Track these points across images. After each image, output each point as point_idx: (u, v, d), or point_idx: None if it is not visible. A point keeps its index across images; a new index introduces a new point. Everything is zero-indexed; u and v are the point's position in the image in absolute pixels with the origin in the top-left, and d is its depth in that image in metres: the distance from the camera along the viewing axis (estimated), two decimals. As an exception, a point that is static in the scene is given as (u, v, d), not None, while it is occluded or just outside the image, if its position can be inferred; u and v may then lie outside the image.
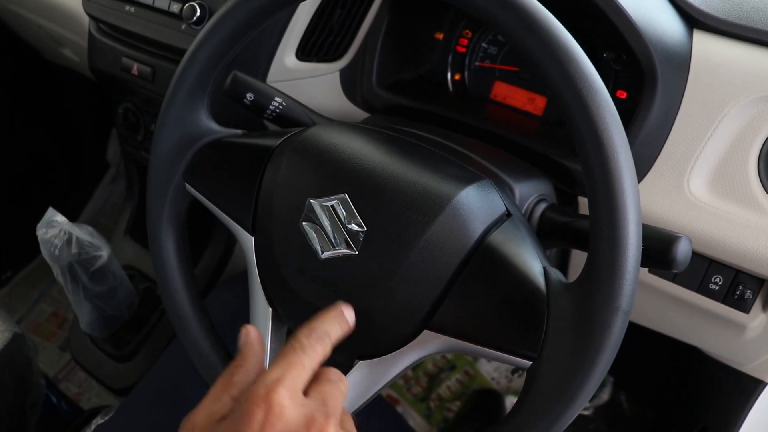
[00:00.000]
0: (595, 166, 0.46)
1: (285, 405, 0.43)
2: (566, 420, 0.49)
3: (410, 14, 0.85)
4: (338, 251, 0.55)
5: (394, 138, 0.63)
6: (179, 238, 0.69)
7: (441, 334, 0.53)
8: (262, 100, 0.72)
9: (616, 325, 0.46)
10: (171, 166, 0.66)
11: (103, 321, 1.10)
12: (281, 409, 0.43)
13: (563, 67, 0.47)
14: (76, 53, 1.43)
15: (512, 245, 0.53)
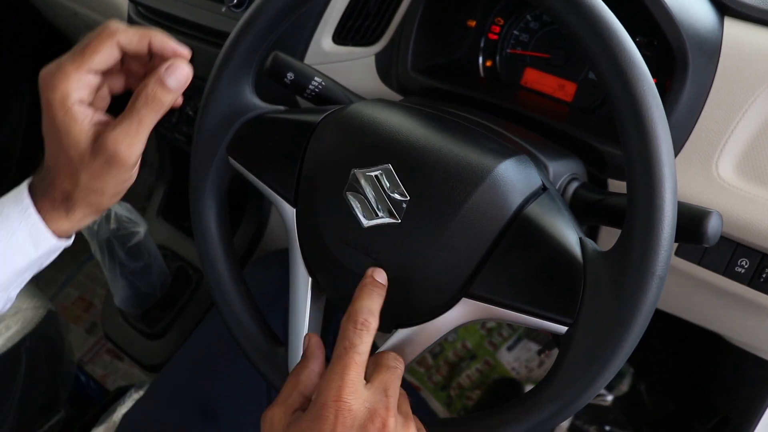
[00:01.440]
0: (633, 137, 0.48)
1: (351, 405, 0.50)
2: (602, 383, 0.50)
3: (444, 1, 0.87)
4: (381, 220, 0.57)
5: (433, 114, 0.65)
6: (220, 210, 0.71)
7: (479, 302, 0.55)
8: (302, 80, 0.75)
9: (651, 290, 0.48)
10: (215, 140, 0.68)
11: (137, 298, 1.13)
12: (349, 410, 0.50)
13: (605, 42, 0.49)
14: (111, 39, 1.46)
15: (549, 217, 0.55)
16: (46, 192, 0.60)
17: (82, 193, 0.59)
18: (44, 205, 0.60)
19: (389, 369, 0.55)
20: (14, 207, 0.59)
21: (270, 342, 0.69)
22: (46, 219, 0.60)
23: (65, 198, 0.60)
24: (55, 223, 0.61)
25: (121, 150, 0.57)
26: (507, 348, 1.66)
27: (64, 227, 0.61)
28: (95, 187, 0.59)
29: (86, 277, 2.00)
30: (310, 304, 0.65)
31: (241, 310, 0.69)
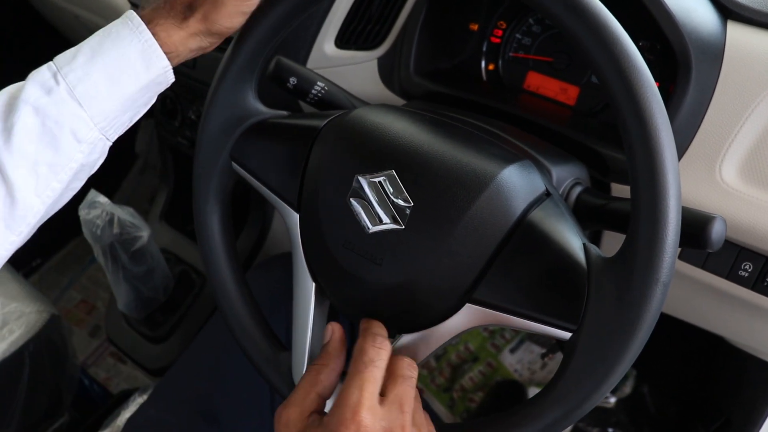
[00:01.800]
0: (637, 143, 0.48)
1: (368, 424, 0.50)
2: (605, 389, 0.50)
3: (446, 5, 0.87)
4: (385, 226, 0.57)
5: (436, 120, 0.65)
6: (224, 215, 0.71)
7: (483, 308, 0.55)
8: (305, 85, 0.75)
9: (656, 297, 0.48)
10: (219, 145, 0.69)
11: (140, 302, 1.13)
12: (366, 428, 0.50)
13: (608, 47, 0.49)
14: (112, 44, 1.46)
15: (552, 222, 0.55)
16: (159, 5, 0.61)
17: (205, 3, 0.60)
18: (158, 14, 0.61)
19: (404, 380, 0.54)
20: (124, 26, 0.59)
21: (274, 347, 0.69)
22: (158, 29, 0.60)
23: (187, 5, 0.61)
24: (167, 33, 0.60)
25: None
26: (510, 350, 1.66)
27: (175, 38, 0.61)
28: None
29: (89, 280, 2.00)
30: (314, 309, 0.65)
31: (245, 315, 0.70)
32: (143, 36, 0.59)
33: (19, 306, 1.12)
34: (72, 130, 0.57)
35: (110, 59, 0.58)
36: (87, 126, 0.58)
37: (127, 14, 0.60)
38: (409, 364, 0.56)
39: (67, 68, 0.57)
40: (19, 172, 0.56)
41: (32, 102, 0.56)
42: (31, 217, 0.58)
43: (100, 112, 0.58)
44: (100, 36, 0.59)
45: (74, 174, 0.60)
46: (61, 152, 0.57)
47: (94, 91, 0.58)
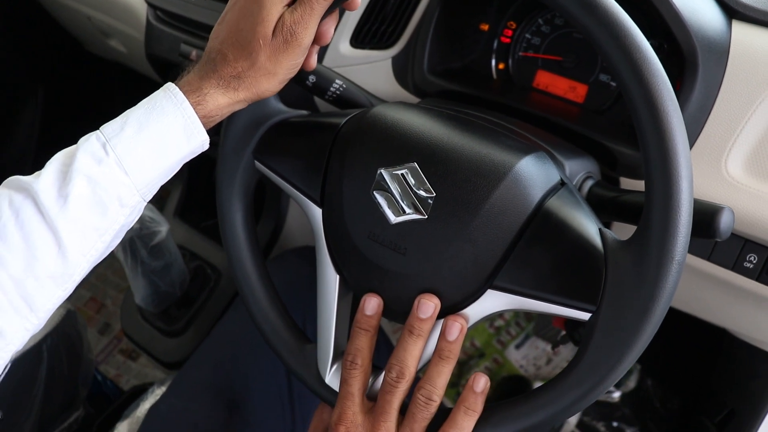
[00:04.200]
0: (649, 130, 0.50)
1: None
2: (625, 366, 0.53)
3: (458, 6, 0.89)
4: (408, 216, 0.60)
5: (453, 115, 0.68)
6: (247, 212, 0.73)
7: (505, 293, 0.58)
8: (324, 83, 0.77)
9: (671, 274, 0.50)
10: (242, 144, 0.71)
11: (157, 296, 1.15)
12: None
13: (620, 41, 0.51)
14: (125, 44, 1.48)
15: (569, 209, 0.57)
16: (207, 74, 0.64)
17: (254, 73, 0.64)
18: (206, 83, 0.64)
19: (384, 392, 0.62)
20: (168, 101, 0.62)
21: (298, 340, 0.71)
22: (206, 97, 0.64)
23: (236, 76, 0.64)
24: (214, 100, 0.64)
25: (299, 30, 0.62)
26: (515, 346, 1.68)
27: (221, 103, 0.64)
28: (270, 68, 0.63)
29: (98, 278, 2.02)
30: (338, 301, 0.67)
31: (270, 308, 0.72)
32: (186, 111, 0.63)
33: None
34: (118, 197, 0.61)
35: (155, 133, 0.62)
36: (131, 193, 0.62)
37: (168, 87, 0.63)
38: (397, 374, 0.60)
39: (116, 140, 0.61)
40: (72, 236, 0.60)
41: (85, 172, 0.60)
42: (77, 275, 0.62)
43: (143, 180, 0.62)
44: (145, 108, 0.63)
45: (116, 234, 0.64)
46: (108, 217, 0.62)
47: (140, 162, 0.62)
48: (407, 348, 0.60)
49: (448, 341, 0.60)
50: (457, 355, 0.61)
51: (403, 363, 0.60)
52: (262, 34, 0.62)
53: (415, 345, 0.60)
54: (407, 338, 0.60)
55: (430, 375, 0.60)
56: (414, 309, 0.60)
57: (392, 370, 0.61)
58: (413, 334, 0.60)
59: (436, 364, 0.60)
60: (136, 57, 1.47)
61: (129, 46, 1.45)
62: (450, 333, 0.60)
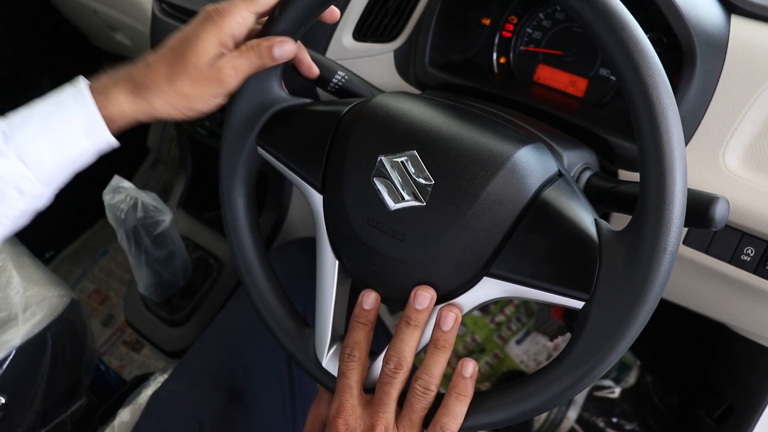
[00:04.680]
0: (644, 120, 0.51)
1: (350, 423, 0.62)
2: (617, 353, 0.53)
3: (460, 0, 0.90)
4: (407, 203, 0.61)
5: (453, 106, 0.68)
6: (249, 197, 0.74)
7: (500, 280, 0.59)
8: (327, 73, 0.78)
9: (663, 264, 0.51)
10: (245, 130, 0.72)
11: (160, 286, 1.17)
12: (347, 427, 0.62)
13: (618, 33, 0.52)
14: (130, 38, 1.49)
15: (565, 200, 0.58)
16: (121, 77, 0.68)
17: (168, 88, 0.67)
18: (116, 87, 0.67)
19: (382, 384, 0.62)
20: (74, 101, 0.65)
21: (297, 323, 0.72)
22: (111, 102, 0.67)
23: (146, 85, 0.67)
24: (118, 105, 0.67)
25: (226, 74, 0.67)
26: (516, 341, 1.69)
27: (125, 110, 0.67)
28: (185, 91, 0.67)
29: (101, 271, 2.04)
30: (336, 286, 0.68)
31: (269, 292, 0.73)
32: (89, 111, 0.65)
33: (41, 290, 1.15)
34: (17, 186, 0.64)
35: (57, 130, 0.65)
36: (31, 183, 0.65)
37: (78, 84, 0.67)
38: (395, 365, 0.61)
39: (18, 132, 0.64)
40: None
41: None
42: None
43: (44, 172, 0.65)
44: (50, 104, 0.66)
45: (17, 219, 0.68)
46: (6, 203, 0.65)
47: (40, 155, 0.64)
48: (404, 339, 0.61)
49: (443, 331, 0.61)
50: (453, 344, 0.61)
51: (401, 354, 0.61)
52: (193, 61, 0.66)
53: (412, 336, 0.61)
54: (404, 329, 0.61)
55: (427, 365, 0.61)
56: (411, 300, 0.61)
57: (390, 361, 0.61)
58: (410, 325, 0.61)
59: (433, 353, 0.61)
60: (140, 50, 1.49)
61: (134, 39, 1.46)
62: (445, 323, 0.61)
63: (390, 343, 0.62)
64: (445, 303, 0.62)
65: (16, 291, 1.15)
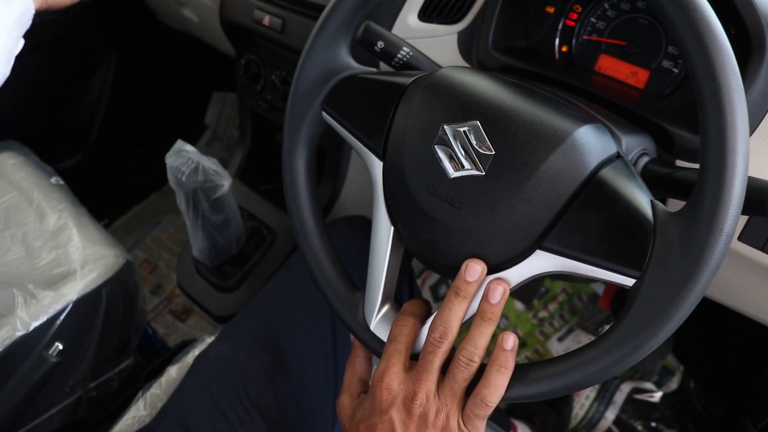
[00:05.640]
0: (709, 102, 0.51)
1: (393, 387, 0.64)
2: (666, 331, 0.53)
3: (527, -15, 0.91)
4: (467, 171, 0.62)
5: (517, 83, 0.69)
6: (310, 160, 0.76)
7: (552, 254, 0.59)
8: (392, 49, 0.79)
9: (718, 245, 0.51)
10: (312, 94, 0.74)
11: (214, 251, 1.20)
12: (390, 391, 0.64)
13: (690, 15, 0.52)
14: (197, 13, 1.53)
15: (622, 180, 0.58)
16: None
17: None
18: None
19: (426, 353, 0.63)
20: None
21: (347, 286, 0.74)
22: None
23: None
24: None
25: None
26: (558, 338, 1.68)
27: None
28: None
29: (153, 241, 2.10)
30: (390, 253, 0.69)
31: (323, 254, 0.75)
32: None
33: (99, 249, 1.20)
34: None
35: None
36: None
37: None
38: (440, 334, 0.62)
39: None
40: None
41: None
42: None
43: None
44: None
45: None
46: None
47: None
48: (452, 309, 0.62)
49: (491, 303, 0.62)
50: (499, 317, 0.62)
51: (447, 323, 0.62)
52: None
53: (460, 306, 0.62)
54: (453, 299, 0.62)
55: (472, 336, 0.62)
56: (462, 271, 0.62)
57: (436, 330, 0.63)
58: (459, 295, 0.62)
59: (479, 325, 0.62)
60: (206, 26, 1.53)
61: (201, 14, 1.50)
62: (493, 296, 0.61)
63: (437, 311, 0.64)
64: (494, 276, 0.62)
65: (75, 248, 1.20)
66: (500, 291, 0.61)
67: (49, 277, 1.15)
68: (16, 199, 1.30)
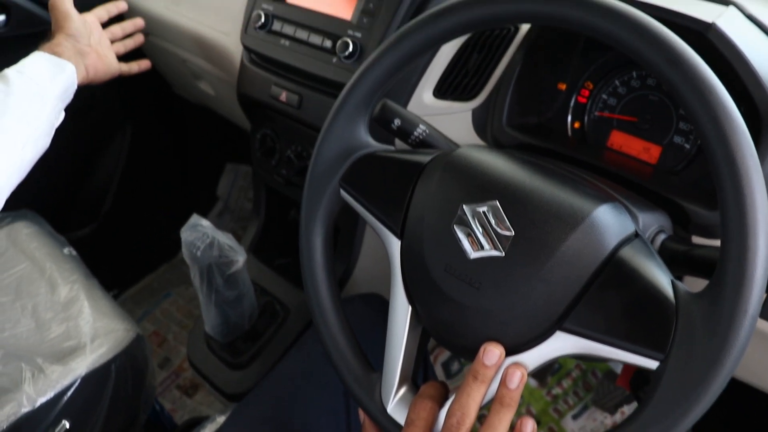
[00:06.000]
0: (728, 184, 0.51)
1: None
2: (692, 418, 0.52)
3: (539, 64, 0.93)
4: (486, 252, 0.61)
5: (533, 162, 0.70)
6: (327, 238, 0.76)
7: (572, 335, 0.58)
8: (409, 127, 0.81)
9: (743, 328, 0.50)
10: (330, 172, 0.74)
11: (227, 327, 1.19)
12: None
13: (705, 96, 0.52)
14: (214, 86, 1.56)
15: (642, 259, 0.58)
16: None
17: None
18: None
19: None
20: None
21: (364, 367, 0.72)
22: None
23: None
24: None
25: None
26: (572, 416, 1.65)
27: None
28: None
29: (162, 313, 2.08)
30: (408, 333, 0.68)
31: (339, 333, 0.74)
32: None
33: (109, 322, 1.19)
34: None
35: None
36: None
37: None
38: (458, 420, 0.61)
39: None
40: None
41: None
42: None
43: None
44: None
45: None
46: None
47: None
48: (471, 393, 0.61)
49: (509, 389, 0.60)
50: (518, 402, 0.61)
51: (465, 409, 0.61)
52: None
53: (478, 391, 0.61)
54: (471, 383, 0.61)
55: (491, 422, 0.60)
56: (480, 355, 0.61)
57: (453, 415, 0.61)
58: (477, 379, 0.61)
59: (498, 411, 0.60)
60: (222, 99, 1.56)
61: (218, 88, 1.54)
62: (511, 380, 0.60)
63: (455, 396, 0.62)
64: (512, 359, 0.61)
65: (86, 321, 1.19)
66: (518, 375, 0.60)
67: (59, 350, 1.14)
68: (29, 269, 1.30)
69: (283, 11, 1.16)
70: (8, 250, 1.34)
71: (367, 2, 1.03)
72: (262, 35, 1.17)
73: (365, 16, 1.03)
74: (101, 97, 1.79)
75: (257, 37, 1.19)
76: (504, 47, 0.97)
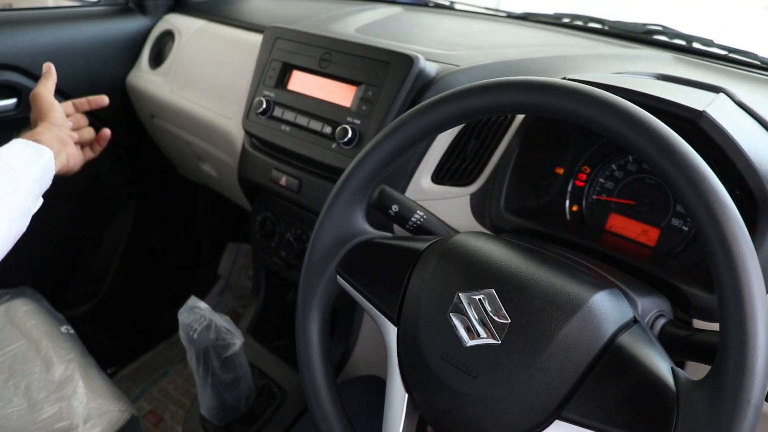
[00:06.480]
0: (724, 272, 0.51)
1: None
2: None
3: (536, 149, 0.94)
4: (482, 340, 0.61)
5: (530, 248, 0.70)
6: (323, 324, 0.76)
7: (571, 424, 0.57)
8: (406, 213, 0.81)
9: (747, 418, 0.49)
10: (327, 258, 0.75)
11: (223, 409, 1.17)
12: None
13: (697, 185, 0.53)
14: (216, 168, 1.58)
15: (641, 346, 0.58)
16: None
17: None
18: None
19: None
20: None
21: None
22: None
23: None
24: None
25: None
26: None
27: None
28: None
29: (159, 391, 2.05)
30: (404, 421, 0.68)
31: (336, 421, 0.73)
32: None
33: (104, 403, 1.17)
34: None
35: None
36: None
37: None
38: None
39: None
40: None
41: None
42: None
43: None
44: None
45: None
46: None
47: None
48: None
49: None
50: None
51: None
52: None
53: None
54: None
55: None
56: None
57: None
58: None
59: None
60: (224, 181, 1.58)
61: (220, 170, 1.56)
62: None
63: None
64: None
65: (79, 401, 1.17)
66: None
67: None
68: (24, 347, 1.29)
69: (284, 98, 1.19)
70: (5, 328, 1.34)
71: (366, 90, 1.06)
72: (264, 121, 1.20)
73: (364, 103, 1.05)
74: (106, 176, 1.81)
75: (259, 123, 1.21)
76: (501, 133, 0.98)
